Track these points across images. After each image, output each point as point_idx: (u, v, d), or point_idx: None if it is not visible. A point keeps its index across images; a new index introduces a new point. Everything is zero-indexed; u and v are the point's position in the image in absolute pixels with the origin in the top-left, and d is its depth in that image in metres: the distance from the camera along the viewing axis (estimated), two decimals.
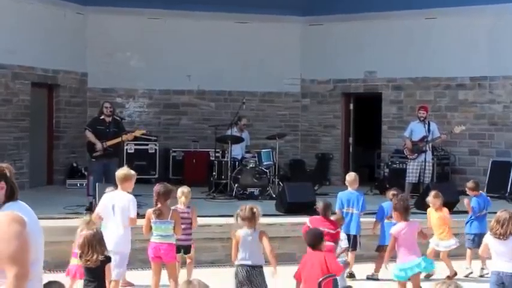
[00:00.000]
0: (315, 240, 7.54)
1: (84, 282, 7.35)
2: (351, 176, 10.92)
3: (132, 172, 9.03)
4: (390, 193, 10.54)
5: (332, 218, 9.65)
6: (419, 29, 17.48)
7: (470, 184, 11.23)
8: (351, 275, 10.49)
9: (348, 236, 10.60)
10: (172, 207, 8.96)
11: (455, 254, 11.03)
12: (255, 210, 7.79)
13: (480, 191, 11.43)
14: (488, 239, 7.90)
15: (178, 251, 9.32)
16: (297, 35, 19.13)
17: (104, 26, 18.05)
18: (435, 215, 10.67)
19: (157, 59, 18.28)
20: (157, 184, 8.97)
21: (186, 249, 9.56)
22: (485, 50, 16.78)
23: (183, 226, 9.16)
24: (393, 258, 8.99)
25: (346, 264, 9.51)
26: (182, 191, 9.48)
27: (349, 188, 10.79)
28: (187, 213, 9.44)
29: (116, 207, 8.79)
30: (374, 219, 10.76)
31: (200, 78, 18.55)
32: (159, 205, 8.67)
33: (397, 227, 8.82)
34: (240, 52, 18.59)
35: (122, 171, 9.07)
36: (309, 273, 7.30)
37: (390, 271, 9.02)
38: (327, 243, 8.09)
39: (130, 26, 18.16)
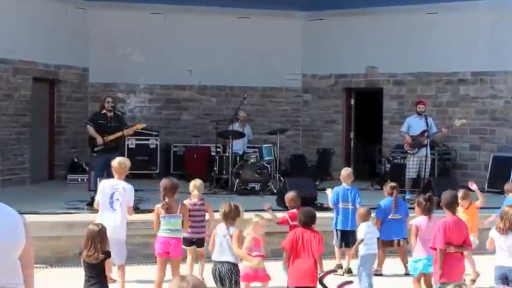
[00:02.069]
0: (308, 218, 7.78)
1: (85, 278, 7.35)
2: (347, 171, 10.92)
3: (128, 161, 9.31)
4: (388, 186, 10.53)
5: (359, 211, 9.72)
6: (421, 24, 17.46)
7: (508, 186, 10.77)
8: (349, 271, 10.47)
9: (346, 232, 10.60)
10: (183, 201, 8.96)
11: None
12: (232, 207, 7.79)
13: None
14: (493, 233, 7.95)
15: (191, 244, 9.34)
16: (298, 30, 19.12)
17: (105, 21, 18.05)
18: (464, 216, 9.85)
19: (158, 54, 18.27)
20: (163, 179, 8.97)
21: (200, 243, 9.56)
22: (486, 45, 16.76)
23: (197, 219, 9.21)
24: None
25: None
26: (194, 184, 9.49)
27: (344, 184, 10.79)
28: (201, 206, 9.47)
29: (117, 195, 8.84)
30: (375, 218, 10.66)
31: (201, 74, 18.55)
32: (166, 199, 8.65)
33: (419, 219, 8.78)
34: (241, 47, 18.58)
35: (117, 160, 9.12)
36: (303, 250, 7.58)
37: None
38: None
39: (132, 21, 18.15)
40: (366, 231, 9.44)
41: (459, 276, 7.76)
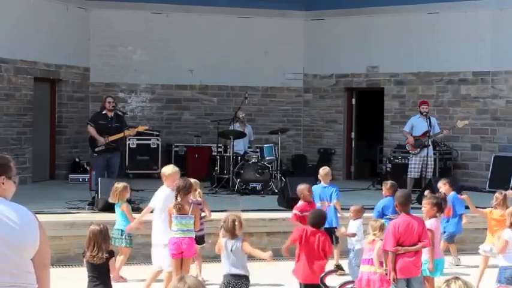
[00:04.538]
0: (319, 220, 7.95)
1: (88, 279, 7.34)
2: (324, 170, 10.93)
3: (176, 169, 9.31)
4: (388, 185, 10.50)
5: (352, 207, 9.78)
6: (422, 24, 17.46)
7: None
8: (338, 267, 10.46)
9: (328, 229, 10.61)
10: (193, 202, 8.95)
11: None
12: (236, 223, 7.71)
13: None
14: (508, 234, 7.92)
15: None
16: (299, 29, 19.12)
17: (106, 20, 18.06)
18: (497, 215, 9.64)
19: (159, 53, 18.28)
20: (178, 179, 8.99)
21: (200, 240, 9.59)
22: (487, 44, 16.76)
23: None
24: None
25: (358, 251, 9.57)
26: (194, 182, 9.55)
27: (322, 182, 10.81)
28: (198, 204, 9.51)
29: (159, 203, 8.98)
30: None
31: (202, 73, 18.55)
32: (179, 200, 8.67)
33: (433, 222, 8.59)
34: (242, 47, 18.59)
35: (168, 168, 9.28)
36: (311, 251, 7.75)
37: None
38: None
39: (133, 21, 18.15)
40: (359, 227, 9.55)
41: (414, 273, 7.78)
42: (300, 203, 9.97)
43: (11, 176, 4.15)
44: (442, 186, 11.09)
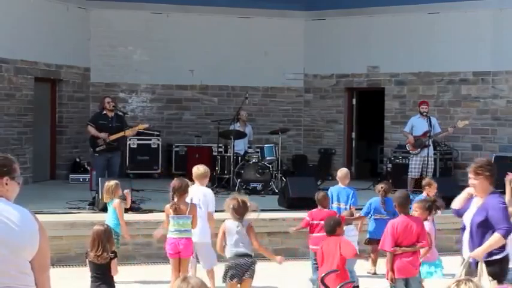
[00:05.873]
0: (330, 226, 7.99)
1: (91, 279, 7.34)
2: (342, 172, 10.92)
3: (208, 169, 9.59)
4: (379, 187, 10.50)
5: (344, 213, 9.80)
6: (422, 24, 17.47)
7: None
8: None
9: None
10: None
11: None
12: (241, 203, 7.75)
13: None
14: None
15: None
16: (300, 29, 19.12)
17: (106, 20, 18.06)
18: None
19: (160, 53, 18.28)
20: (174, 179, 8.99)
21: None
22: (488, 44, 16.76)
23: None
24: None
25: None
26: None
27: (340, 184, 10.79)
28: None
29: (195, 200, 8.87)
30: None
31: (203, 73, 18.55)
32: (175, 200, 8.67)
33: (428, 225, 8.65)
34: (243, 47, 18.59)
35: (200, 169, 9.45)
36: (326, 255, 7.77)
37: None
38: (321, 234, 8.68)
39: (133, 21, 18.16)
40: (353, 230, 9.66)
41: (412, 273, 7.78)
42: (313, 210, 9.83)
43: (14, 177, 4.17)
44: (428, 188, 10.92)
